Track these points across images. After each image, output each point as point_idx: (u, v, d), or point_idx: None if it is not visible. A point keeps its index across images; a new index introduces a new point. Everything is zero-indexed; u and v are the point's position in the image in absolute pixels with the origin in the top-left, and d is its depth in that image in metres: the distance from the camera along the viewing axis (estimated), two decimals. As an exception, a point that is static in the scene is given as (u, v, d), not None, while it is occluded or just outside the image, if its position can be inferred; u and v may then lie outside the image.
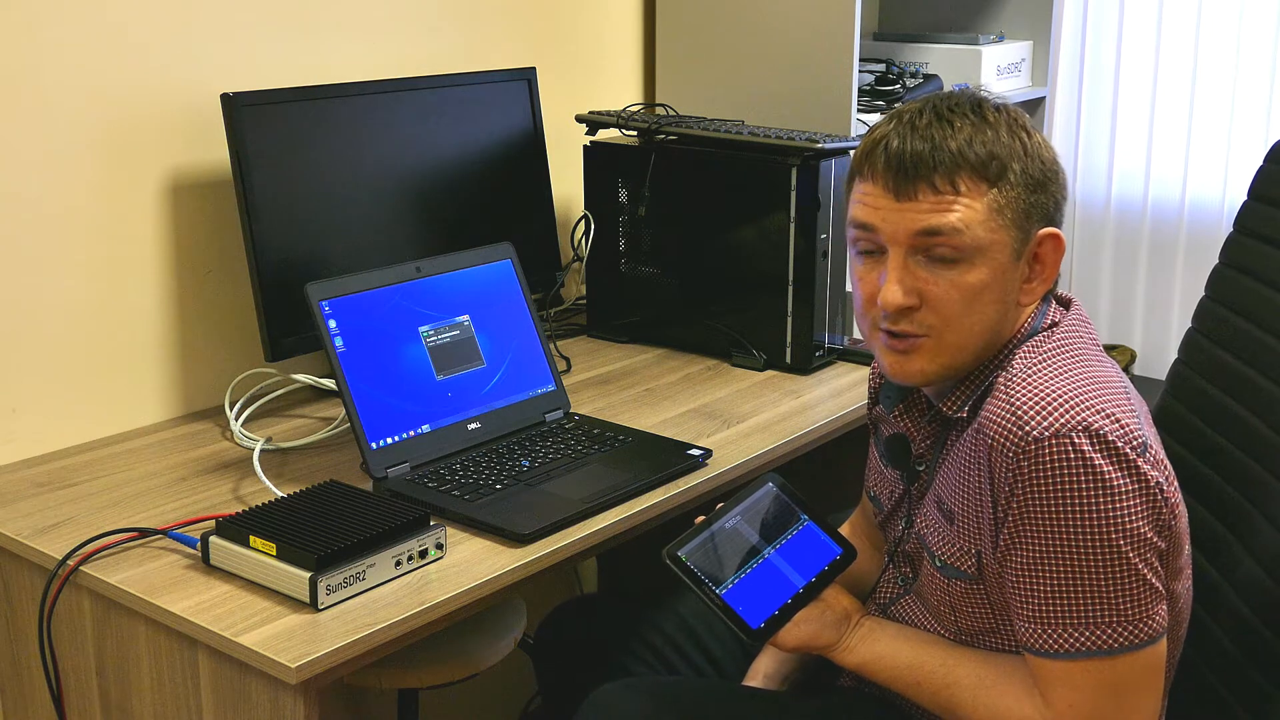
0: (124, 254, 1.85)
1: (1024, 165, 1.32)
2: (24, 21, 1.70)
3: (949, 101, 1.35)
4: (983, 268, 1.31)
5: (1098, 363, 1.34)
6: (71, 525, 1.56)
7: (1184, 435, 1.63)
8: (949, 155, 1.30)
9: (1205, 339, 1.66)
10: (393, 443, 1.67)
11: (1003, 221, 1.31)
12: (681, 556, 1.42)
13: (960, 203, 1.30)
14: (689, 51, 2.54)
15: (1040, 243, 1.34)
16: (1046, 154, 1.35)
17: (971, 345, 1.34)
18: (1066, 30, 2.96)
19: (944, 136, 1.31)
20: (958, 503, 1.35)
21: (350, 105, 1.95)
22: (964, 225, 1.30)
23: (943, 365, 1.35)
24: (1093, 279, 3.04)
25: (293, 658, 1.28)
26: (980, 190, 1.30)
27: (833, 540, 1.50)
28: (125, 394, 1.87)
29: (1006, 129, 1.33)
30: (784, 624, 1.42)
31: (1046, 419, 1.24)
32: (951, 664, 1.37)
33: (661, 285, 2.24)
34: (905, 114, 1.35)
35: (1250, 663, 1.46)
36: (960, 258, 1.31)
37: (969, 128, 1.32)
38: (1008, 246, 1.32)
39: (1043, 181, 1.34)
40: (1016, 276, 1.34)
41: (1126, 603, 1.25)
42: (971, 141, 1.31)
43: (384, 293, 1.72)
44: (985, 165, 1.31)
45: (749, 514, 1.48)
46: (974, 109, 1.34)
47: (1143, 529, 1.24)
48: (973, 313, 1.32)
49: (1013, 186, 1.32)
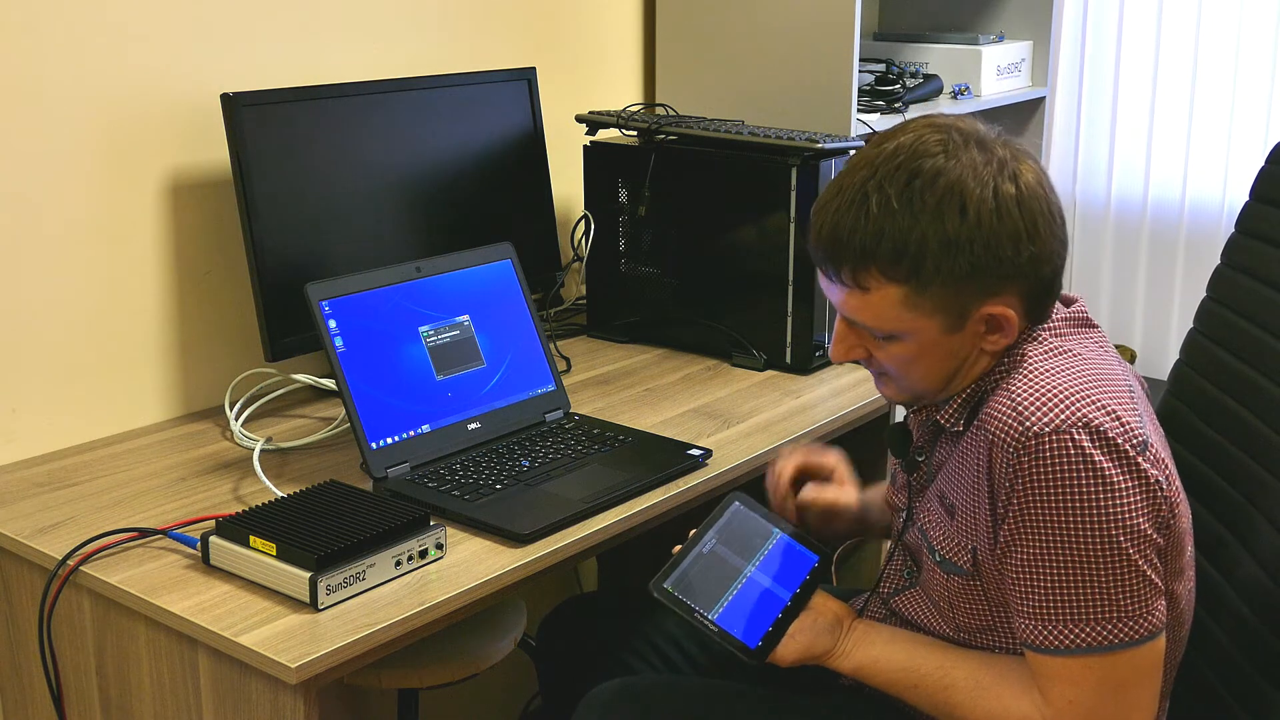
0: (124, 254, 1.85)
1: (940, 263, 1.26)
2: (24, 21, 1.70)
3: (890, 169, 1.27)
4: (911, 343, 1.33)
5: (1100, 360, 1.34)
6: (71, 525, 1.56)
7: (1185, 435, 1.63)
8: (855, 251, 1.28)
9: (1207, 339, 1.66)
10: (393, 443, 1.67)
11: (919, 312, 1.30)
12: (669, 588, 1.42)
13: (869, 299, 1.30)
14: (689, 51, 2.54)
15: (986, 317, 1.31)
16: (989, 231, 1.25)
17: (934, 385, 1.37)
18: (1066, 30, 2.96)
19: (855, 227, 1.27)
20: (959, 497, 1.35)
21: (350, 105, 1.95)
22: (875, 321, 1.32)
23: (910, 396, 1.41)
24: (1093, 279, 3.04)
25: (293, 658, 1.28)
26: (891, 286, 1.29)
27: (807, 548, 1.51)
28: (125, 394, 1.87)
29: (932, 214, 1.25)
30: (779, 639, 1.42)
31: (1047, 414, 1.24)
32: (948, 666, 1.37)
33: (661, 285, 2.24)
34: (846, 177, 1.31)
35: (1250, 663, 1.46)
36: (888, 337, 1.33)
37: (885, 219, 1.26)
38: (933, 328, 1.31)
39: (970, 272, 1.26)
40: (965, 338, 1.32)
41: (1126, 599, 1.25)
42: (880, 238, 1.26)
43: (384, 293, 1.72)
44: (894, 264, 1.27)
45: (724, 535, 1.49)
46: (908, 182, 1.26)
47: (1142, 525, 1.25)
48: (914, 371, 1.36)
49: (928, 280, 1.27)
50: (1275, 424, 1.50)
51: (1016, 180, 1.28)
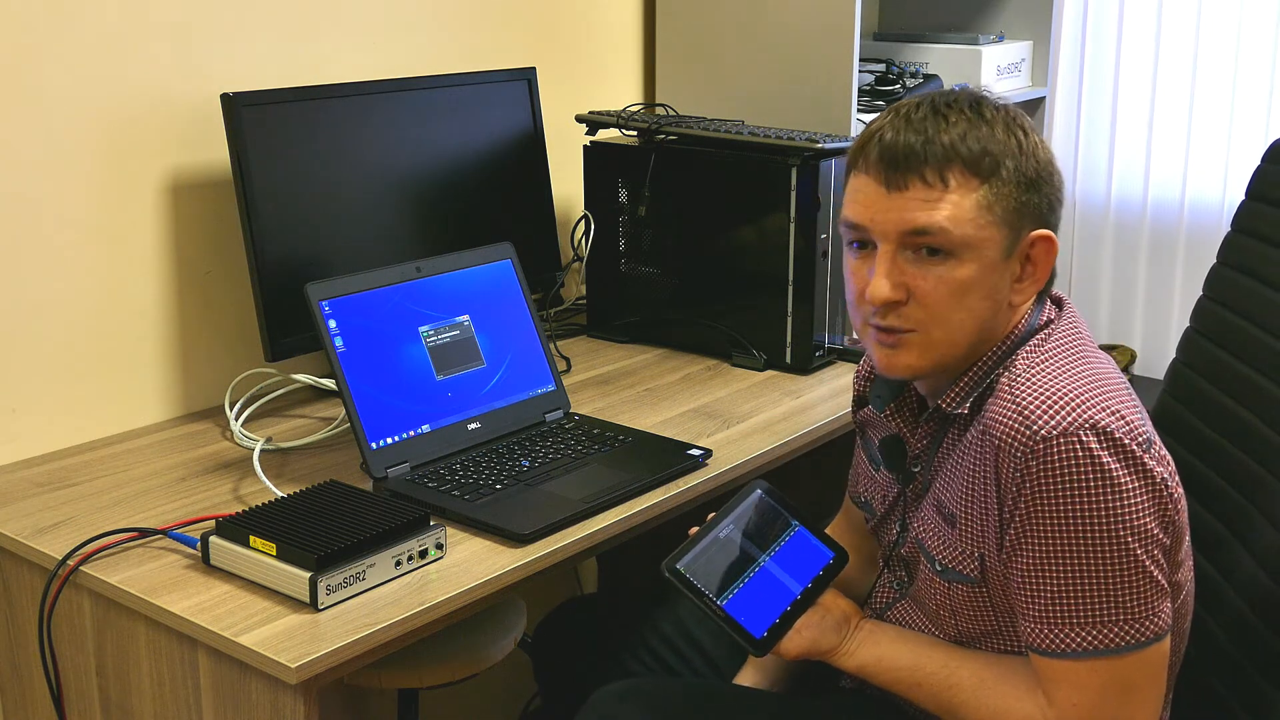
0: (124, 254, 1.85)
1: (1017, 163, 1.32)
2: (24, 21, 1.70)
3: (947, 98, 1.35)
4: (971, 264, 1.31)
5: (1098, 360, 1.35)
6: (71, 525, 1.56)
7: (1183, 434, 1.64)
8: (941, 149, 1.30)
9: (1204, 338, 1.66)
10: (393, 443, 1.67)
11: (992, 218, 1.31)
12: (681, 569, 1.42)
13: (949, 198, 1.30)
14: (689, 51, 2.54)
15: (1032, 244, 1.34)
16: (1042, 155, 1.35)
17: (961, 341, 1.34)
18: (1066, 30, 2.95)
19: (937, 130, 1.31)
20: (960, 505, 1.34)
21: (350, 105, 1.95)
22: (951, 223, 1.30)
23: (932, 361, 1.35)
24: (1093, 279, 3.04)
25: (293, 658, 1.28)
26: (971, 186, 1.30)
27: (824, 544, 1.51)
28: (125, 394, 1.87)
29: (1003, 126, 1.33)
30: (786, 631, 1.42)
31: (1054, 418, 1.24)
32: (953, 665, 1.37)
33: (661, 285, 2.24)
34: (903, 108, 1.35)
35: (1250, 663, 1.46)
36: (948, 253, 1.31)
37: (964, 123, 1.31)
38: (997, 244, 1.32)
39: (1036, 181, 1.33)
40: (1007, 275, 1.34)
41: (1133, 601, 1.25)
42: (965, 136, 1.31)
43: (384, 293, 1.72)
44: (977, 161, 1.30)
45: (741, 522, 1.48)
46: (971, 105, 1.34)
47: (1150, 526, 1.25)
48: (960, 308, 1.32)
49: (1004, 184, 1.31)
50: (1273, 422, 1.50)
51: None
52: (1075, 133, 3.00)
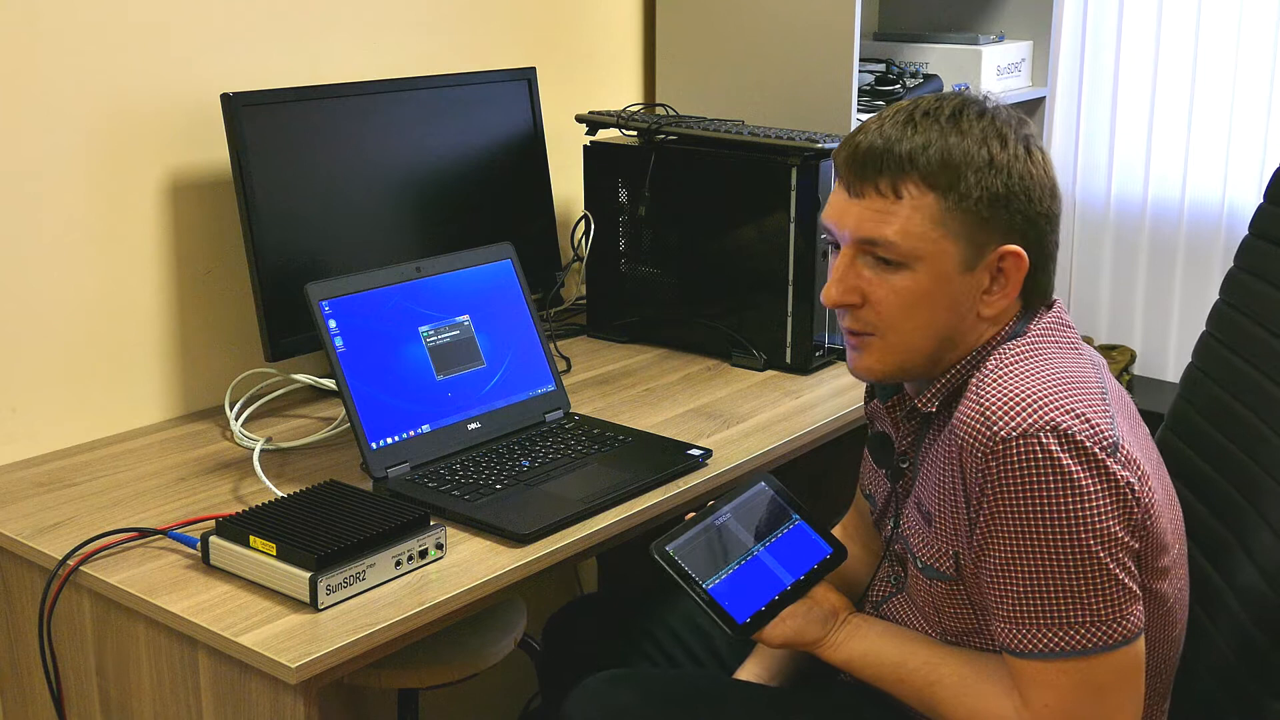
0: (124, 254, 1.85)
1: (982, 178, 1.29)
2: (24, 21, 1.70)
3: (931, 104, 1.33)
4: (923, 275, 1.31)
5: (1072, 362, 1.33)
6: (71, 525, 1.56)
7: (1194, 438, 1.62)
8: (897, 159, 1.30)
9: (1218, 342, 1.64)
10: (393, 443, 1.67)
11: (945, 232, 1.30)
12: (670, 551, 1.42)
13: (900, 211, 1.30)
14: (689, 51, 2.54)
15: (1001, 257, 1.32)
16: (1021, 168, 1.31)
17: (921, 348, 1.35)
18: (1066, 30, 2.96)
19: (900, 138, 1.30)
20: (935, 504, 1.35)
21: (350, 105, 1.95)
22: (899, 236, 1.30)
23: (893, 365, 1.37)
24: (1093, 279, 3.04)
25: (293, 658, 1.28)
26: (926, 199, 1.29)
27: (824, 540, 1.50)
28: (125, 394, 1.87)
29: (977, 138, 1.30)
30: (770, 619, 1.42)
31: (1014, 419, 1.23)
32: (935, 663, 1.37)
33: (661, 285, 2.24)
34: (887, 111, 1.35)
35: (1247, 670, 1.46)
36: (899, 264, 1.31)
37: (933, 132, 1.30)
38: (952, 257, 1.31)
39: (1005, 196, 1.30)
40: (970, 287, 1.33)
41: (1100, 603, 1.25)
42: (927, 147, 1.29)
43: (384, 293, 1.72)
44: (934, 173, 1.29)
45: (740, 512, 1.48)
46: (952, 114, 1.32)
47: (1113, 528, 1.24)
48: (912, 318, 1.33)
49: (963, 197, 1.29)
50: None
51: (1041, 151, 1.35)
52: (1075, 133, 3.00)
